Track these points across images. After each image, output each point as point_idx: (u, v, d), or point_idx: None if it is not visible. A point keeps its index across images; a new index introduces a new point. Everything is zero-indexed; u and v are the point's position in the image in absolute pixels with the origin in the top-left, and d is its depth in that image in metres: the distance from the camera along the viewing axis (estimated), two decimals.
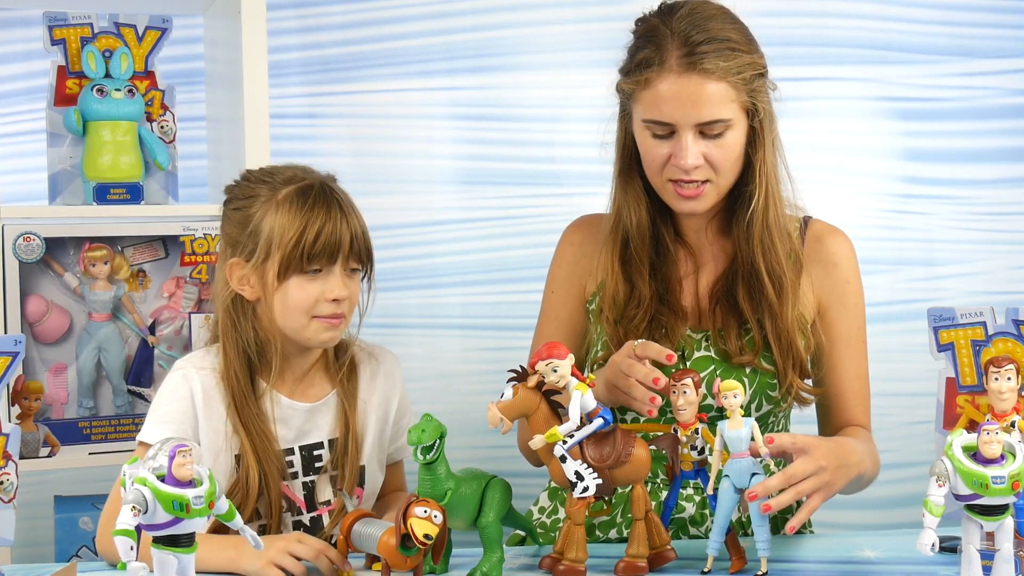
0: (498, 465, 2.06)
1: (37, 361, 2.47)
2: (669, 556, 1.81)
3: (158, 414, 2.01)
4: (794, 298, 2.03)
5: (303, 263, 1.97)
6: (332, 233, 1.97)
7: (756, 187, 2.01)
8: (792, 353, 2.02)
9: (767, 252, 2.02)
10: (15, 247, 2.43)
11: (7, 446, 1.75)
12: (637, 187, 2.07)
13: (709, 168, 1.97)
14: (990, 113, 3.07)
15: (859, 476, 1.89)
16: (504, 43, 2.95)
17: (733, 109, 1.96)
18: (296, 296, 1.98)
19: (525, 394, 1.73)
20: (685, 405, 1.79)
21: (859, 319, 2.13)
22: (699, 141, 1.96)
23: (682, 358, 2.04)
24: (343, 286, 1.99)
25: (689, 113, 1.94)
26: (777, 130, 2.05)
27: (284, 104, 2.83)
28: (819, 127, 3.03)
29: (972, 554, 1.61)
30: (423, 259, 2.94)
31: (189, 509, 1.46)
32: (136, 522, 1.44)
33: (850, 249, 2.13)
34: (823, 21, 3.02)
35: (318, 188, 2.00)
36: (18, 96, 2.79)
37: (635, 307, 2.06)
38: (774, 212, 2.02)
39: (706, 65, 1.93)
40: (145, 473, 1.46)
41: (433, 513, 1.66)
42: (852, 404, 2.12)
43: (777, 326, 2.02)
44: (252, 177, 2.07)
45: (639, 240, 2.07)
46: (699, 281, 2.11)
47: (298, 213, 1.97)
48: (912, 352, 2.91)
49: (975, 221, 3.07)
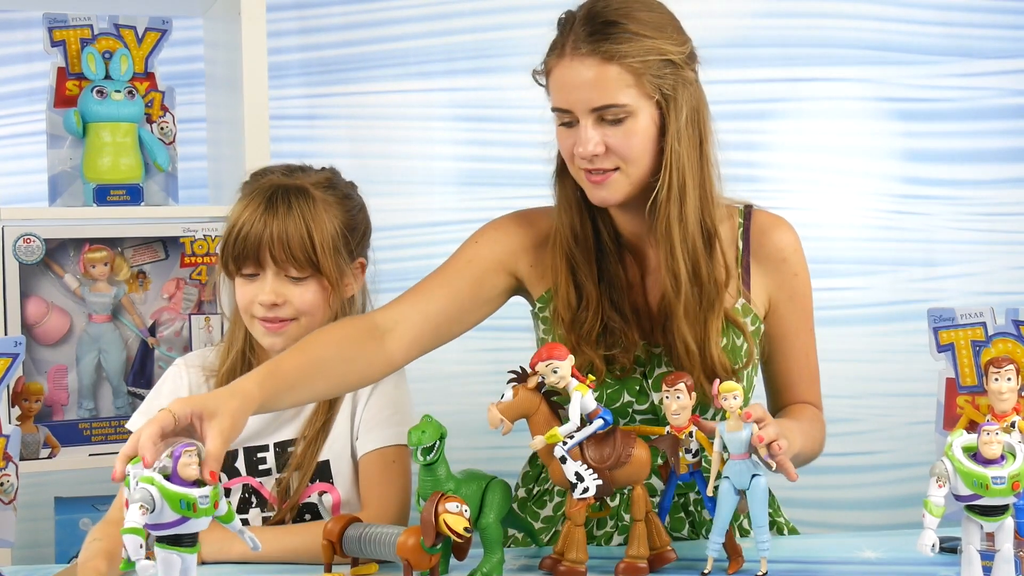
0: (498, 466, 2.06)
1: (37, 362, 2.47)
2: (669, 557, 1.81)
3: (148, 407, 2.04)
4: (701, 300, 1.94)
5: (231, 262, 1.98)
6: (251, 233, 1.96)
7: (660, 177, 1.91)
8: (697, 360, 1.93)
9: (664, 246, 1.92)
10: (15, 249, 2.43)
11: (7, 447, 1.75)
12: (569, 187, 2.00)
13: (615, 156, 1.89)
14: (989, 113, 3.08)
15: (795, 454, 1.83)
16: (503, 44, 2.96)
17: (632, 95, 1.87)
18: (238, 297, 2.01)
19: (525, 395, 1.73)
20: (679, 409, 1.78)
21: (808, 309, 2.10)
22: (599, 127, 1.88)
23: (644, 375, 2.00)
24: (272, 291, 1.97)
25: (582, 98, 1.87)
26: (706, 122, 1.94)
27: (284, 105, 2.83)
28: (819, 128, 3.03)
29: (972, 554, 1.61)
30: (423, 260, 2.92)
31: (196, 508, 1.47)
32: (145, 521, 1.45)
33: (796, 240, 2.07)
34: (823, 22, 3.02)
35: (263, 188, 2.00)
36: (18, 98, 2.79)
37: (584, 310, 1.99)
38: (678, 207, 1.90)
39: (600, 48, 1.85)
40: (151, 472, 1.47)
41: (464, 508, 1.67)
42: (802, 388, 2.10)
43: (680, 330, 1.93)
44: (253, 174, 2.10)
45: (575, 242, 2.00)
46: (647, 289, 2.04)
47: (238, 212, 1.99)
48: (912, 352, 2.92)
49: (975, 221, 3.08)
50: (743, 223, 2.06)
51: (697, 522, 2.06)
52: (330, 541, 1.79)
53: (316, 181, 2.05)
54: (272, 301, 1.98)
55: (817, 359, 2.12)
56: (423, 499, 1.72)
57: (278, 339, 2.00)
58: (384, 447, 2.00)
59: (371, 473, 2.00)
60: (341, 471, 2.03)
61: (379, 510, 1.95)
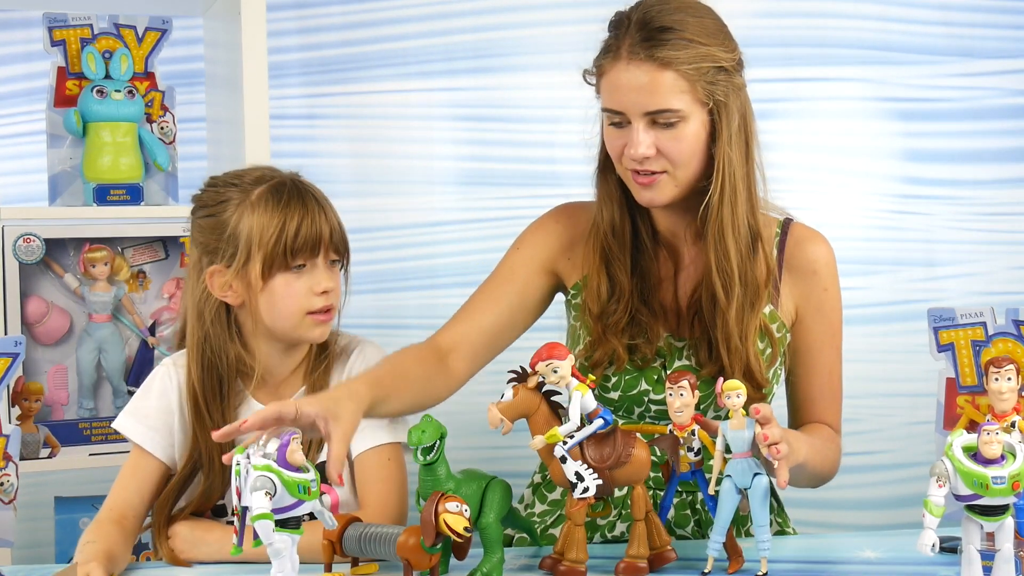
0: (498, 466, 2.06)
1: (37, 362, 2.47)
2: (669, 557, 1.81)
3: (135, 406, 2.05)
4: (750, 304, 1.99)
5: (286, 259, 1.96)
6: (312, 226, 1.97)
7: (713, 181, 1.96)
8: (740, 361, 1.98)
9: (717, 247, 1.97)
10: (15, 248, 2.43)
11: (7, 447, 1.75)
12: (612, 183, 2.05)
13: (664, 159, 1.93)
14: (990, 113, 3.07)
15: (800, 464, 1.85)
16: (504, 44, 2.96)
17: (685, 100, 1.91)
18: (284, 294, 1.98)
19: (525, 395, 1.73)
20: (682, 407, 1.78)
21: (835, 325, 2.12)
22: (651, 131, 1.92)
23: (663, 366, 2.03)
24: (329, 278, 2.00)
25: (637, 101, 1.91)
26: (751, 129, 2.00)
27: (284, 105, 2.83)
28: (819, 127, 3.03)
29: (972, 554, 1.61)
30: (423, 260, 2.94)
31: (310, 492, 1.60)
32: (271, 506, 1.57)
33: (830, 255, 2.10)
34: (823, 22, 3.02)
35: (290, 184, 2.00)
36: (18, 97, 2.79)
37: (615, 302, 2.04)
38: (729, 209, 1.96)
39: (657, 53, 1.89)
40: (268, 461, 1.58)
41: (464, 508, 1.68)
42: (822, 408, 2.11)
43: (726, 330, 1.98)
44: (219, 182, 2.05)
45: (613, 236, 2.06)
46: (679, 285, 2.08)
47: (275, 211, 1.96)
48: (912, 352, 2.92)
49: (975, 221, 3.07)
50: (780, 232, 2.09)
51: (703, 521, 2.06)
52: (330, 541, 1.79)
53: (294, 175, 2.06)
54: (332, 286, 2.00)
55: (841, 381, 2.14)
56: (423, 499, 1.72)
57: (327, 328, 2.03)
58: (379, 445, 2.00)
59: (367, 472, 2.01)
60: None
61: (377, 509, 1.95)
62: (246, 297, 1.99)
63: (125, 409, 2.06)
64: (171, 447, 2.01)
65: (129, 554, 1.93)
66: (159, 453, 2.00)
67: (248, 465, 1.58)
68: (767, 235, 2.06)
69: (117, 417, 2.06)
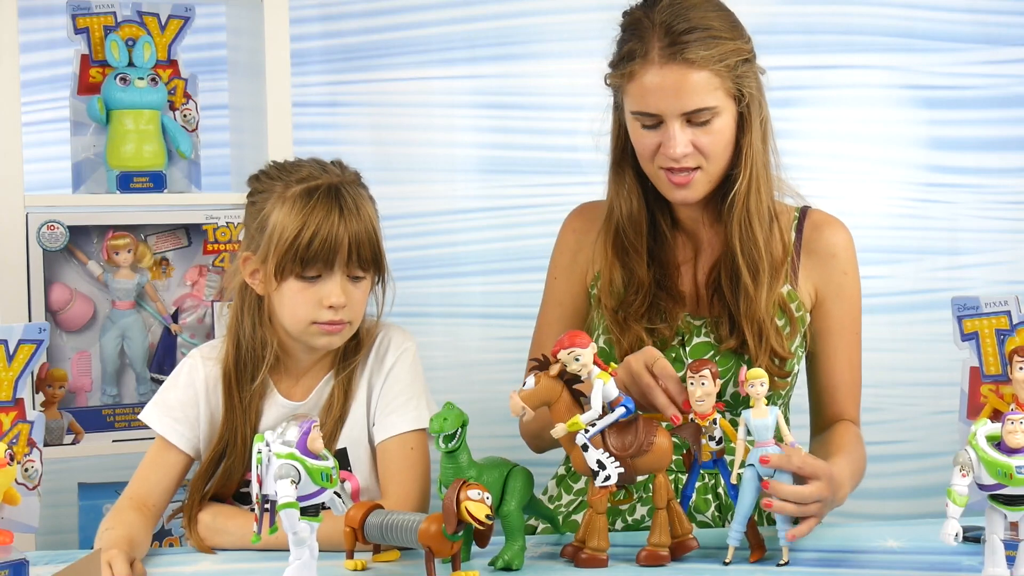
0: (520, 454, 2.07)
1: (61, 349, 2.48)
2: (691, 545, 1.80)
3: (161, 398, 2.04)
4: (771, 283, 2.03)
5: (298, 266, 1.92)
6: (328, 236, 1.91)
7: (741, 170, 2.01)
8: (764, 337, 2.02)
9: (744, 234, 2.02)
10: (39, 235, 2.44)
11: (31, 433, 1.76)
12: (629, 177, 2.09)
13: (699, 155, 1.98)
14: (1015, 101, 3.05)
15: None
16: (526, 31, 2.95)
17: (719, 96, 1.96)
18: (292, 300, 1.94)
19: (547, 383, 1.73)
20: (703, 396, 1.78)
21: (854, 310, 2.14)
22: (687, 129, 1.97)
23: (682, 344, 2.07)
24: (340, 293, 1.93)
25: (674, 103, 1.95)
26: (767, 115, 2.06)
27: (306, 92, 2.83)
28: (843, 115, 3.01)
29: (996, 544, 1.60)
30: (445, 248, 2.93)
31: (332, 479, 1.60)
32: (296, 494, 1.56)
33: (848, 240, 2.14)
34: (847, 9, 3.01)
35: (325, 189, 1.94)
36: (42, 85, 2.80)
37: (634, 293, 2.08)
38: (756, 196, 2.02)
39: (688, 55, 1.93)
40: (291, 448, 1.57)
41: (485, 495, 1.68)
42: (843, 396, 2.13)
43: (751, 309, 2.02)
44: (271, 171, 2.03)
45: (631, 229, 2.09)
46: (698, 267, 2.12)
47: (299, 213, 1.92)
48: (936, 341, 2.90)
49: (999, 210, 3.06)
50: (798, 216, 2.13)
51: (723, 506, 2.07)
52: (352, 528, 1.79)
53: (355, 178, 2.02)
54: (343, 303, 1.94)
55: (860, 369, 2.16)
56: (445, 486, 1.72)
57: (336, 339, 1.98)
58: (402, 433, 2.00)
59: (390, 460, 2.00)
60: (359, 458, 2.03)
61: (400, 497, 1.95)
62: (265, 290, 1.99)
63: (152, 401, 2.06)
64: (196, 439, 2.02)
65: (149, 540, 1.94)
66: (183, 445, 2.01)
67: (270, 453, 1.58)
68: (785, 218, 2.10)
69: (144, 408, 2.05)
